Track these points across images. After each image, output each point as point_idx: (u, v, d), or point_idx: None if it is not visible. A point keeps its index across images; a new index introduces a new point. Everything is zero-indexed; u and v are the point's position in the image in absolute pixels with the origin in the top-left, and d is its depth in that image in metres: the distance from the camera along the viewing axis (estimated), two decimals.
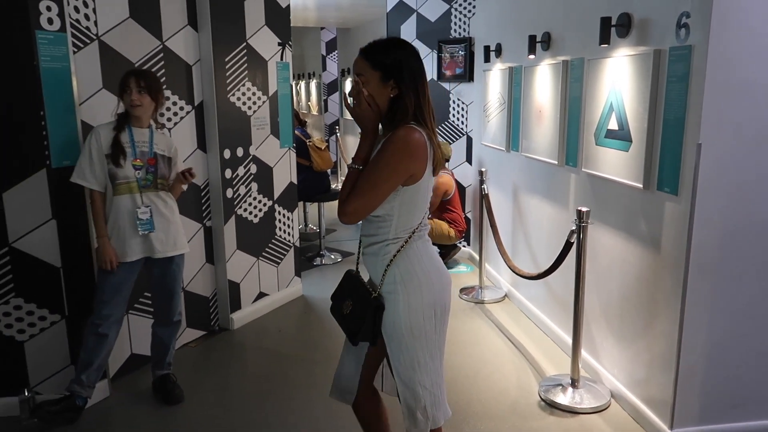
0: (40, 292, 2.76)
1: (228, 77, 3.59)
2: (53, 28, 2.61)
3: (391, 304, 1.80)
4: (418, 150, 1.71)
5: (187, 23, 3.38)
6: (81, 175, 2.63)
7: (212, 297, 3.77)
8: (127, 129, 2.68)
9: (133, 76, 2.66)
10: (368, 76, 1.74)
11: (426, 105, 1.77)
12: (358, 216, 1.76)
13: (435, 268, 1.85)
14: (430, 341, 1.83)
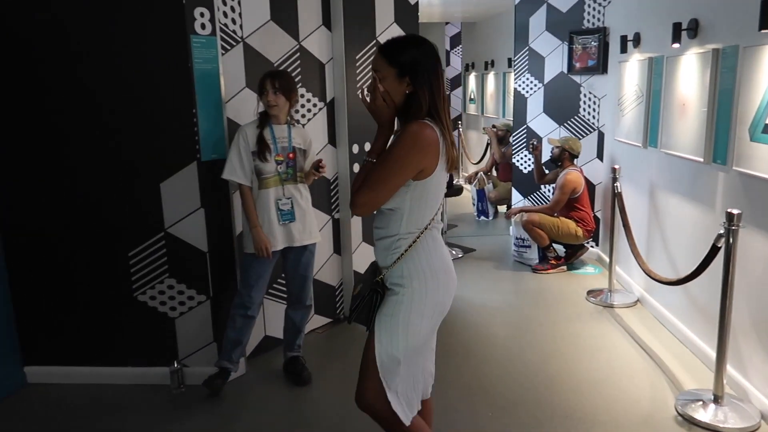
0: (189, 273, 3.03)
1: (358, 74, 3.70)
2: (205, 32, 2.85)
3: (394, 297, 1.82)
4: (428, 145, 1.72)
5: (321, 24, 3.53)
6: (232, 171, 2.85)
7: (338, 286, 3.92)
8: (268, 126, 2.86)
9: (269, 78, 2.83)
10: (384, 72, 1.76)
11: (441, 102, 1.77)
12: (369, 208, 1.78)
13: (444, 267, 1.85)
14: (422, 340, 1.86)
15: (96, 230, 3.00)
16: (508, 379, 3.15)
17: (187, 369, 3.10)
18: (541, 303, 4.26)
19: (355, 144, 3.74)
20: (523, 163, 5.71)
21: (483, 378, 3.17)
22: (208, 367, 3.09)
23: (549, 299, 4.33)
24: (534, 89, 5.45)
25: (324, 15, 3.54)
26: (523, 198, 5.76)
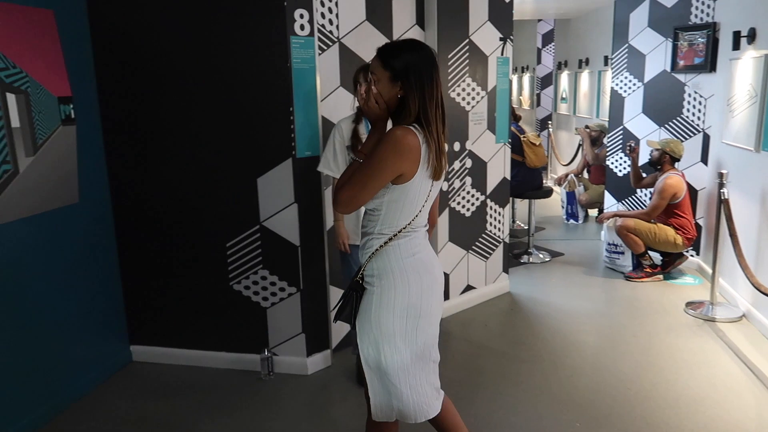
0: (281, 265, 3.15)
1: (449, 73, 3.69)
2: (304, 33, 2.94)
3: (366, 295, 1.87)
4: (408, 151, 1.72)
5: (415, 23, 3.55)
6: (326, 164, 2.93)
7: None
8: (363, 121, 2.91)
9: (362, 72, 2.87)
10: (379, 75, 1.79)
11: (432, 109, 1.76)
12: (349, 206, 1.81)
13: (415, 270, 1.85)
14: (400, 342, 1.84)
15: (198, 221, 3.17)
16: (598, 390, 3.03)
17: (276, 357, 3.22)
18: (635, 312, 4.07)
19: None
20: (618, 165, 5.47)
21: (571, 387, 3.07)
22: (296, 357, 3.20)
23: (643, 309, 4.12)
24: (633, 88, 5.21)
25: (418, 14, 3.55)
26: (617, 202, 5.52)
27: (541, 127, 10.05)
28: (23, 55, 2.56)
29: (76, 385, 2.97)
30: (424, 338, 1.89)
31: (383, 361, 1.86)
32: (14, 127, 2.51)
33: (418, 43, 1.83)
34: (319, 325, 3.25)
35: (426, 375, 1.94)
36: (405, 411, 1.92)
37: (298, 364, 3.22)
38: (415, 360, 1.89)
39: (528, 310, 4.14)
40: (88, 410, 2.90)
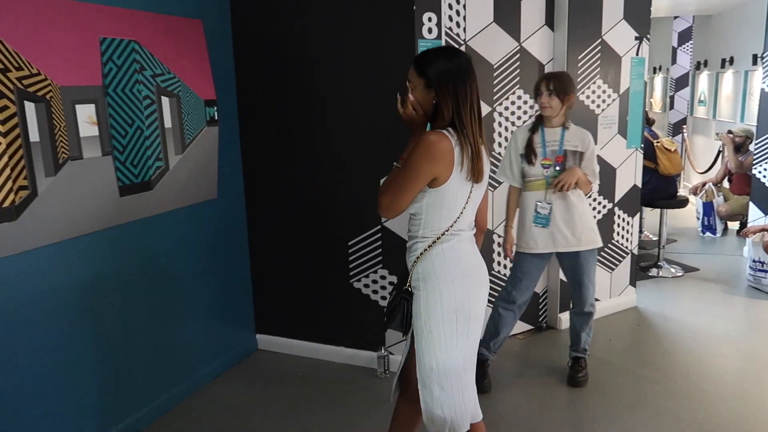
0: (400, 266, 3.18)
1: (579, 75, 3.54)
2: (432, 36, 2.95)
3: (415, 300, 1.88)
4: (440, 154, 1.75)
5: (544, 23, 3.44)
6: (503, 171, 3.00)
7: (542, 294, 3.80)
8: (540, 130, 2.88)
9: (544, 80, 2.84)
10: (415, 82, 1.84)
11: (466, 113, 1.78)
12: (390, 210, 1.84)
13: (460, 273, 1.85)
14: (451, 345, 1.84)
15: (323, 219, 3.30)
16: (739, 423, 2.76)
17: (392, 356, 3.26)
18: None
19: None
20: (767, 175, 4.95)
21: (705, 416, 2.82)
22: None
23: None
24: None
25: (547, 14, 3.45)
26: (765, 215, 5.00)
27: (674, 131, 9.36)
28: (176, 61, 2.80)
29: (206, 369, 3.20)
30: (474, 341, 1.91)
31: (435, 367, 1.86)
32: (167, 127, 2.76)
33: (452, 50, 1.88)
34: None
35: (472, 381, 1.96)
36: (458, 419, 1.90)
37: None
38: (467, 365, 1.91)
39: (657, 327, 3.87)
40: (215, 394, 3.11)
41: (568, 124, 2.90)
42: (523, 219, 2.95)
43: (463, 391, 1.90)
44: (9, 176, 2.07)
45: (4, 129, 2.04)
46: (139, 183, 2.64)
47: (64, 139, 2.27)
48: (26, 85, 2.11)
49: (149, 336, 2.79)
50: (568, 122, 2.91)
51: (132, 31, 2.55)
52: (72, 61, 2.29)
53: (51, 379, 2.32)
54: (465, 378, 1.91)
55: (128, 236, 2.64)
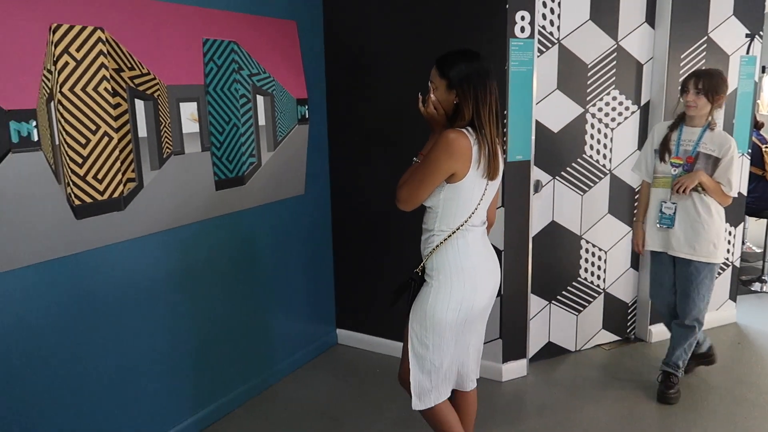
0: None
1: (681, 75, 3.34)
2: (524, 35, 2.89)
3: (425, 288, 2.00)
4: (459, 151, 1.84)
5: (644, 21, 3.28)
6: (638, 165, 3.01)
7: (632, 303, 3.63)
8: (679, 128, 2.81)
9: (693, 78, 2.74)
10: (437, 83, 1.93)
11: (485, 114, 1.87)
12: (408, 203, 1.95)
13: (470, 267, 1.96)
14: (448, 331, 1.99)
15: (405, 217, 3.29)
16: None
17: None
18: None
19: None
20: None
21: None
22: (491, 362, 3.18)
23: None
24: None
25: (648, 11, 3.28)
26: None
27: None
28: (271, 61, 2.90)
29: (288, 360, 3.29)
30: (470, 327, 2.06)
31: (430, 345, 2.00)
32: (261, 125, 2.86)
33: (473, 53, 1.93)
34: (517, 333, 3.19)
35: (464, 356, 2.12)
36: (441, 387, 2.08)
37: (493, 369, 3.19)
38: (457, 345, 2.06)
39: (758, 345, 3.60)
40: (295, 384, 3.20)
41: (713, 126, 2.77)
42: (648, 216, 2.93)
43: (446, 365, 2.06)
44: (119, 169, 2.22)
45: (116, 125, 2.19)
46: (234, 178, 2.76)
47: (168, 135, 2.41)
48: (137, 84, 2.26)
49: (237, 325, 2.91)
50: (714, 123, 2.78)
51: (231, 33, 2.67)
52: (178, 61, 2.42)
53: (149, 361, 2.48)
54: (453, 351, 2.06)
55: (221, 228, 2.76)
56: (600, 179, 3.35)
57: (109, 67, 2.14)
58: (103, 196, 2.18)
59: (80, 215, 2.12)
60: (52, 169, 2.01)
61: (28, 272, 2.00)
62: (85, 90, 2.07)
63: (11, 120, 1.87)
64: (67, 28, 2.01)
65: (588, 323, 3.51)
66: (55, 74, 1.98)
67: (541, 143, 3.11)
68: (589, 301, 3.48)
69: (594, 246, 3.41)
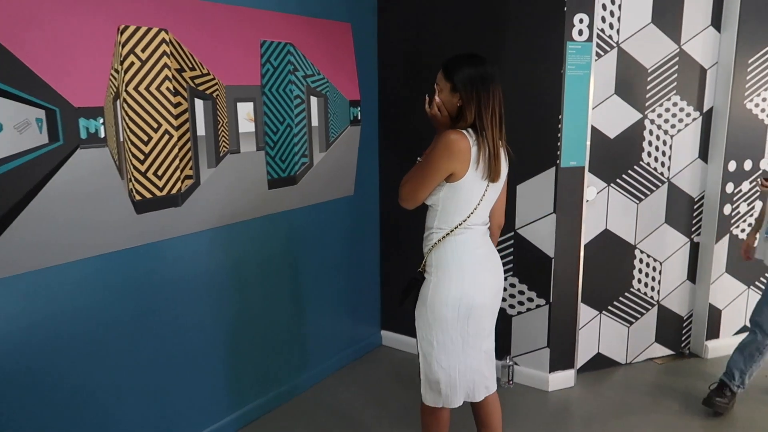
0: (532, 275, 3.09)
1: (748, 81, 3.20)
2: (582, 38, 2.82)
3: (426, 284, 2.04)
4: (458, 151, 1.89)
5: (709, 24, 3.16)
6: None
7: (687, 318, 3.50)
8: None
9: None
10: (442, 85, 2.00)
11: (487, 117, 1.92)
12: (409, 201, 2.02)
13: (470, 265, 2.00)
14: (451, 327, 2.01)
15: None
16: None
17: (517, 367, 3.18)
18: None
19: (732, 160, 3.26)
20: None
21: None
22: (537, 370, 3.13)
23: None
24: None
25: (714, 14, 3.16)
26: None
27: None
28: (325, 63, 2.93)
29: (332, 359, 3.31)
30: (476, 328, 2.05)
31: (435, 343, 2.02)
32: (314, 125, 2.90)
33: (479, 58, 1.98)
34: (565, 342, 3.12)
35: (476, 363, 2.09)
36: (451, 395, 2.07)
37: (540, 379, 3.14)
38: (466, 347, 2.04)
39: None
40: (339, 383, 3.22)
41: None
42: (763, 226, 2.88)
43: (459, 370, 2.05)
44: (178, 166, 2.29)
45: (176, 123, 2.26)
46: (286, 177, 2.80)
47: (225, 134, 2.47)
48: (197, 84, 2.32)
49: (281, 323, 2.96)
50: None
51: (288, 34, 2.71)
52: (236, 62, 2.48)
53: (193, 356, 2.54)
54: (464, 359, 2.05)
55: (271, 227, 2.81)
56: (657, 187, 3.24)
57: (172, 67, 2.21)
58: (162, 192, 2.25)
59: (140, 210, 2.19)
60: (116, 164, 2.09)
61: (89, 263, 2.08)
62: (148, 89, 2.14)
63: (81, 117, 1.96)
64: (134, 30, 2.08)
65: (640, 336, 3.40)
66: (122, 73, 2.06)
67: (597, 149, 3.03)
68: (641, 312, 3.37)
69: (649, 256, 3.31)
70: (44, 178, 1.88)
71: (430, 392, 2.10)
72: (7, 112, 1.77)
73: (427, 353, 2.06)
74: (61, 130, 1.91)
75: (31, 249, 1.88)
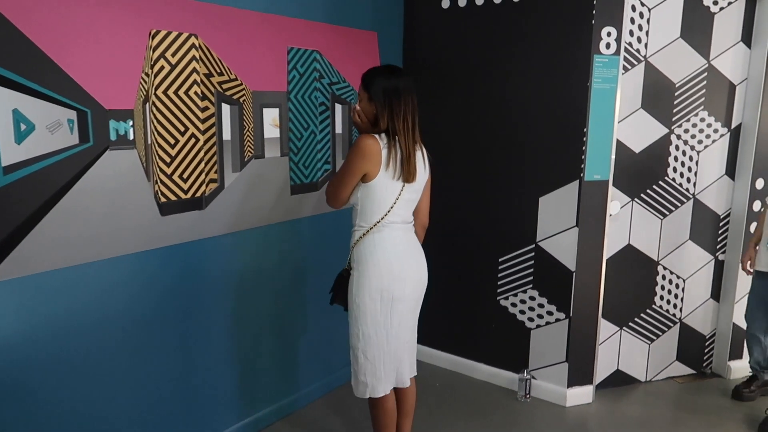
0: (552, 289, 3.06)
1: None
2: (609, 52, 2.81)
3: (351, 279, 2.18)
4: (369, 154, 2.04)
5: (739, 40, 3.12)
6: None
7: (709, 337, 3.44)
8: None
9: None
10: (361, 95, 2.15)
11: (399, 123, 2.07)
12: (332, 200, 2.17)
13: (386, 259, 2.12)
14: (376, 320, 2.13)
15: (476, 232, 3.28)
16: None
17: (534, 381, 3.15)
18: None
19: (760, 178, 3.21)
20: None
21: None
22: (555, 385, 3.09)
23: None
24: None
25: (744, 30, 3.11)
26: None
27: None
28: (351, 71, 2.94)
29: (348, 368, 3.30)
30: (399, 319, 2.18)
31: (360, 336, 2.15)
32: (338, 132, 2.91)
33: (393, 69, 2.15)
34: (584, 357, 3.08)
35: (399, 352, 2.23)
36: (377, 385, 2.19)
37: (557, 394, 3.10)
38: (390, 338, 2.17)
39: None
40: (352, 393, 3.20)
41: None
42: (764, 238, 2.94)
43: (384, 361, 2.18)
44: (203, 170, 2.31)
45: (203, 127, 2.29)
46: (308, 183, 2.82)
47: (250, 139, 2.49)
48: (225, 89, 2.35)
49: (302, 327, 2.96)
50: None
51: (315, 42, 2.73)
52: (263, 68, 2.50)
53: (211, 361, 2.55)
54: (387, 349, 2.17)
55: (292, 233, 2.82)
56: (682, 203, 3.20)
57: (200, 72, 2.24)
58: (186, 194, 2.27)
59: (165, 212, 2.21)
60: (144, 166, 2.11)
61: (112, 263, 2.10)
62: (177, 93, 2.17)
63: (111, 119, 1.99)
64: (165, 34, 2.11)
65: (661, 353, 3.35)
66: (152, 77, 2.09)
67: (622, 163, 3.01)
68: (663, 330, 3.32)
69: (672, 273, 3.26)
70: (73, 178, 1.91)
71: (359, 384, 2.23)
72: (40, 113, 1.81)
73: (354, 346, 2.20)
74: (92, 131, 1.94)
75: (57, 248, 1.91)
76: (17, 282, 1.85)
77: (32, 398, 1.94)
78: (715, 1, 3.01)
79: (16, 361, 1.89)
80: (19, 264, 1.82)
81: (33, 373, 1.93)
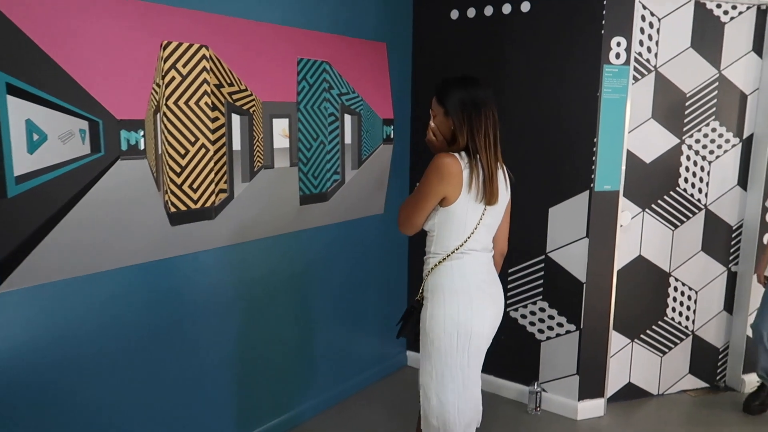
0: (562, 300, 3.04)
1: None
2: (619, 62, 2.80)
3: (423, 311, 1.98)
4: (449, 175, 1.85)
5: (750, 49, 3.10)
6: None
7: (723, 350, 3.39)
8: None
9: None
10: (435, 110, 1.97)
11: (480, 139, 1.88)
12: (406, 226, 1.98)
13: (465, 291, 1.92)
14: (450, 359, 1.91)
15: None
16: None
17: (545, 394, 3.11)
18: None
19: None
20: None
21: None
22: (566, 398, 3.05)
23: None
24: None
25: (756, 39, 3.10)
26: None
27: None
28: (360, 81, 2.95)
29: (360, 377, 3.29)
30: (476, 360, 1.98)
31: (434, 375, 1.95)
32: (347, 143, 2.92)
33: (470, 81, 1.95)
34: (595, 370, 3.05)
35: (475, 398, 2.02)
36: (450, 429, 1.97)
37: (568, 407, 3.06)
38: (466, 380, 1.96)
39: None
40: (366, 400, 3.19)
41: None
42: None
43: (459, 408, 1.97)
44: (213, 180, 2.32)
45: (213, 137, 2.30)
46: (317, 194, 2.82)
47: (260, 150, 2.49)
48: (235, 100, 2.36)
49: (307, 338, 2.95)
50: None
51: (324, 53, 2.74)
52: (273, 78, 2.51)
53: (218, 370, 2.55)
54: (463, 392, 1.96)
55: (301, 243, 2.82)
56: (694, 214, 3.17)
57: (211, 83, 2.25)
58: (196, 204, 2.28)
59: (174, 222, 2.22)
60: (154, 176, 2.12)
61: (121, 273, 2.11)
62: (187, 103, 2.18)
63: (122, 129, 2.00)
64: (176, 45, 2.13)
65: (673, 366, 3.30)
66: (163, 88, 2.10)
67: (632, 174, 2.99)
68: (675, 342, 3.28)
69: (684, 285, 3.23)
70: (84, 187, 1.92)
71: (430, 428, 2.01)
72: (52, 123, 1.82)
73: (426, 385, 1.99)
74: (103, 141, 1.95)
75: (68, 257, 1.92)
76: (28, 291, 1.85)
77: (40, 406, 1.94)
78: (726, 10, 3.00)
79: (28, 370, 1.89)
80: (30, 273, 1.83)
81: (42, 382, 1.93)
